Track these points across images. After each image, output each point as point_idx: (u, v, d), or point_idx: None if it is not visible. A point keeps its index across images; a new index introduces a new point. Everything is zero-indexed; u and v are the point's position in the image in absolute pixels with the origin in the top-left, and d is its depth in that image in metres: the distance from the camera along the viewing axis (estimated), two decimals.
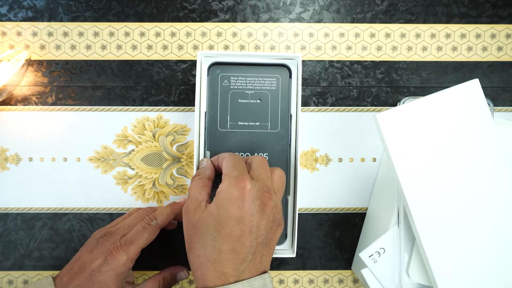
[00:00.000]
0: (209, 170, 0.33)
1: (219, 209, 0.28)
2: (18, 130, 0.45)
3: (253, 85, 0.36)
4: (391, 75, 0.46)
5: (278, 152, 0.37)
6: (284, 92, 0.37)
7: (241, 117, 0.36)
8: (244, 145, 0.36)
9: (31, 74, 0.45)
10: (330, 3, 0.46)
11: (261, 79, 0.36)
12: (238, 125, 0.36)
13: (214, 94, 0.36)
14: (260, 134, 0.36)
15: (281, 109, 0.37)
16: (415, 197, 0.35)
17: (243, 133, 0.36)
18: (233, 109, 0.36)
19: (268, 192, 0.30)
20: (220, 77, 0.36)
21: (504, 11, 0.46)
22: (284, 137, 0.37)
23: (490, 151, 0.36)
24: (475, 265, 0.36)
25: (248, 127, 0.36)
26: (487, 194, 0.36)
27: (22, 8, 0.45)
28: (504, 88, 0.47)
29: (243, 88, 0.36)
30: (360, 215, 0.47)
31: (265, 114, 0.36)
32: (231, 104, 0.36)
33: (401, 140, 0.35)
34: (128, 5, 0.45)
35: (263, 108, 0.36)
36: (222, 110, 0.36)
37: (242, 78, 0.36)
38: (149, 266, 0.46)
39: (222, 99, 0.36)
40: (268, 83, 0.36)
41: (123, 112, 0.45)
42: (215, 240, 0.27)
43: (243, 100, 0.36)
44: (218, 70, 0.36)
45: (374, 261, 0.38)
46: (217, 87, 0.36)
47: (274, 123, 0.36)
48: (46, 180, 0.45)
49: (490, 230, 0.36)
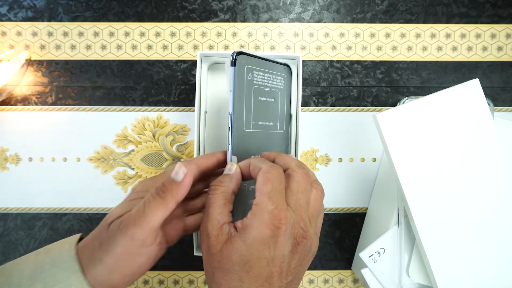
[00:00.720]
0: (235, 182, 0.28)
1: (248, 249, 0.24)
2: (18, 130, 0.45)
3: (269, 82, 0.33)
4: (391, 75, 0.46)
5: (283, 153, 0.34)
6: (289, 92, 0.36)
7: (261, 116, 0.33)
8: (260, 147, 0.33)
9: (31, 74, 0.45)
10: (330, 3, 0.46)
11: (275, 77, 0.34)
12: (259, 125, 0.33)
13: (240, 88, 0.30)
14: (272, 135, 0.34)
15: (286, 109, 0.36)
16: (415, 197, 0.35)
17: (261, 134, 0.33)
18: (256, 107, 0.32)
19: (304, 229, 0.26)
20: (246, 69, 0.31)
21: (504, 11, 0.46)
22: (287, 137, 0.36)
23: (490, 151, 0.36)
24: (475, 265, 0.36)
25: (265, 127, 0.33)
26: (487, 194, 0.36)
27: (22, 8, 0.45)
28: (504, 88, 0.47)
29: (263, 84, 0.32)
30: (360, 215, 0.47)
31: (276, 114, 0.34)
32: (254, 101, 0.32)
33: (401, 140, 0.35)
34: (128, 5, 0.45)
35: (275, 108, 0.34)
36: (248, 108, 0.31)
37: (262, 74, 0.32)
38: None
39: (247, 95, 0.31)
40: (279, 81, 0.34)
41: (123, 112, 0.45)
42: (242, 280, 0.25)
43: (262, 98, 0.33)
44: (243, 61, 0.31)
45: (374, 261, 0.38)
46: (243, 80, 0.31)
47: (281, 123, 0.35)
48: (46, 180, 0.45)
49: (490, 230, 0.36)
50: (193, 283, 0.46)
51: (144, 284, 0.46)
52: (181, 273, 0.46)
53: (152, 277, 0.46)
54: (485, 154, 0.36)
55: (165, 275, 0.46)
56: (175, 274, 0.46)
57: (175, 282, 0.46)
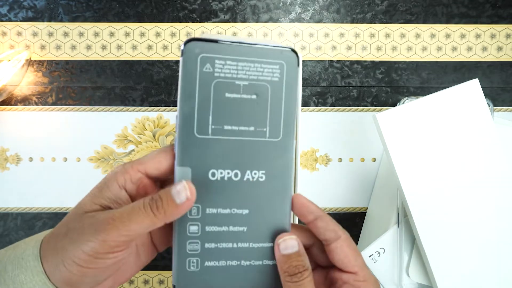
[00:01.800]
0: (307, 258, 0.24)
1: None
2: (19, 130, 0.45)
3: (247, 73, 0.25)
4: (391, 75, 0.46)
5: (279, 170, 0.26)
6: (289, 86, 0.26)
7: (229, 119, 0.25)
8: (232, 160, 0.25)
9: (31, 74, 0.45)
10: (330, 3, 0.46)
11: (259, 66, 0.26)
12: (225, 130, 0.25)
13: (190, 83, 0.25)
14: (256, 144, 0.26)
15: (285, 108, 0.26)
16: (415, 197, 0.35)
17: (231, 142, 0.25)
18: (218, 107, 0.25)
19: None
20: (200, 60, 0.25)
21: (504, 11, 0.46)
22: (287, 148, 0.26)
23: (490, 151, 0.36)
24: (475, 265, 0.36)
25: (238, 133, 0.25)
26: (487, 194, 0.36)
27: (22, 8, 0.45)
28: (504, 88, 0.47)
29: (232, 77, 0.25)
30: (360, 215, 0.47)
31: (262, 116, 0.26)
32: (214, 99, 0.25)
33: (401, 140, 0.35)
34: (128, 5, 0.45)
35: (260, 107, 0.26)
36: (202, 108, 0.25)
37: (232, 63, 0.25)
38: (149, 266, 0.46)
39: (201, 92, 0.25)
40: (268, 71, 0.26)
41: (123, 112, 0.45)
42: None
43: (232, 95, 0.25)
44: (197, 49, 0.24)
45: (374, 261, 0.38)
46: (195, 73, 0.25)
47: (274, 129, 0.26)
48: (46, 180, 0.45)
49: (490, 230, 0.36)
50: None
51: (144, 284, 0.46)
52: None
53: (152, 277, 0.46)
54: (485, 154, 0.36)
55: (165, 275, 0.46)
56: None
57: None
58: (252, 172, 0.26)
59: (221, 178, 0.25)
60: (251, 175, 0.26)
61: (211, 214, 0.25)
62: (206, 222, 0.25)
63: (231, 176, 0.25)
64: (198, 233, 0.25)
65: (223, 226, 0.25)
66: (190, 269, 0.25)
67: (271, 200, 0.26)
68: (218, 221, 0.25)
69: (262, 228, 0.26)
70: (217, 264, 0.25)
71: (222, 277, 0.25)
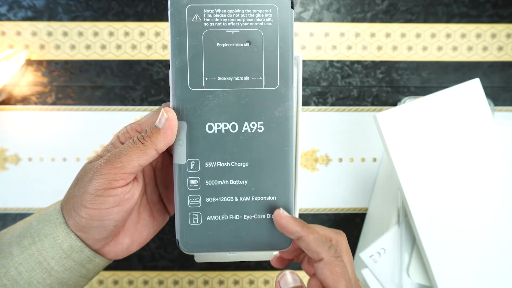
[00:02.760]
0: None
1: None
2: (18, 130, 0.45)
3: (237, 20, 0.25)
4: (391, 75, 0.46)
5: (277, 121, 0.25)
6: (284, 30, 0.25)
7: (222, 70, 0.25)
8: (229, 112, 0.25)
9: (31, 74, 0.45)
10: (330, 3, 0.46)
11: (250, 12, 0.25)
12: (219, 81, 0.25)
13: (179, 36, 0.24)
14: (252, 94, 0.25)
15: (280, 55, 0.25)
16: (415, 197, 0.35)
17: (226, 94, 0.25)
18: (210, 58, 0.24)
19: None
20: (188, 10, 0.24)
21: (505, 11, 0.46)
22: (285, 96, 0.25)
23: (490, 151, 0.36)
24: (475, 265, 0.36)
25: (233, 83, 0.25)
26: (487, 194, 0.36)
27: (21, 8, 0.45)
28: (504, 87, 0.47)
29: (223, 25, 0.24)
30: (360, 215, 0.47)
31: (257, 64, 0.25)
32: (206, 50, 0.24)
33: (401, 140, 0.35)
34: (128, 4, 0.45)
35: (254, 55, 0.25)
36: (193, 60, 0.24)
37: (221, 11, 0.24)
38: (149, 266, 0.46)
39: (192, 43, 0.24)
40: (259, 16, 0.25)
41: (123, 112, 0.45)
42: None
43: (223, 44, 0.25)
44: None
45: (374, 261, 0.38)
46: (184, 25, 0.24)
47: (271, 77, 0.25)
48: (45, 180, 0.45)
49: (490, 230, 0.36)
50: (193, 284, 0.46)
51: (144, 284, 0.46)
52: (181, 273, 0.46)
53: (152, 277, 0.46)
54: (486, 154, 0.36)
55: (165, 275, 0.46)
56: (175, 274, 0.46)
57: (175, 283, 0.46)
58: (250, 123, 0.25)
59: (218, 131, 0.25)
60: (249, 126, 0.25)
61: (210, 168, 0.25)
62: (206, 176, 0.25)
63: (229, 128, 0.25)
64: (198, 187, 0.25)
65: (223, 180, 0.25)
66: (192, 223, 0.25)
67: (272, 152, 0.25)
68: (217, 174, 0.25)
69: (264, 181, 0.25)
70: (219, 218, 0.25)
71: (225, 231, 0.25)
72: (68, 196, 0.24)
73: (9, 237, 0.24)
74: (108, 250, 0.26)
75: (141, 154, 0.23)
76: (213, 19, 0.24)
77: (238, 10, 0.24)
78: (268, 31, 0.25)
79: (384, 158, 0.46)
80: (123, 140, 0.26)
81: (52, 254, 0.23)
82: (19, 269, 0.23)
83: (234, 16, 0.25)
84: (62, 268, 0.24)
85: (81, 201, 0.23)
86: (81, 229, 0.24)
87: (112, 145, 0.26)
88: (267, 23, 0.25)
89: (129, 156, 0.23)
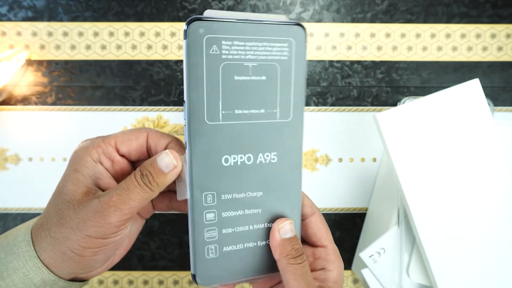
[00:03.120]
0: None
1: None
2: (18, 130, 0.45)
3: (255, 53, 0.24)
4: (391, 75, 0.46)
5: (289, 150, 0.26)
6: (298, 63, 0.25)
7: (239, 103, 0.24)
8: (245, 144, 0.25)
9: (31, 74, 0.45)
10: (330, 3, 0.46)
11: (268, 45, 0.24)
12: (235, 114, 0.24)
13: (196, 68, 0.23)
14: (267, 126, 0.25)
15: (294, 88, 0.25)
16: (415, 197, 0.35)
17: (242, 126, 0.24)
18: (227, 91, 0.24)
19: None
20: (205, 41, 0.23)
21: (504, 11, 0.46)
22: (298, 127, 0.26)
23: (490, 151, 0.36)
24: (475, 265, 0.36)
25: (249, 116, 0.24)
26: (487, 194, 0.36)
27: (22, 8, 0.45)
28: (504, 88, 0.47)
29: (241, 58, 0.24)
30: (360, 215, 0.47)
31: (273, 97, 0.25)
32: (223, 83, 0.24)
33: (401, 140, 0.35)
34: (128, 5, 0.45)
35: (271, 88, 0.25)
36: (211, 93, 0.23)
37: (239, 43, 0.24)
38: (149, 266, 0.46)
39: (209, 76, 0.23)
40: (277, 50, 0.24)
41: (123, 112, 0.45)
42: None
43: (241, 77, 0.24)
44: (202, 29, 0.23)
45: (374, 261, 0.38)
46: (202, 57, 0.23)
47: (285, 109, 0.26)
48: (45, 180, 0.45)
49: (490, 230, 0.36)
50: (193, 284, 0.46)
51: (144, 284, 0.46)
52: (181, 273, 0.46)
53: (152, 277, 0.46)
54: (485, 154, 0.36)
55: (165, 275, 0.46)
56: (175, 274, 0.46)
57: (175, 283, 0.46)
58: (264, 154, 0.25)
59: (234, 163, 0.25)
60: (264, 157, 0.25)
61: (227, 199, 0.25)
62: (222, 208, 0.25)
63: (244, 160, 0.25)
64: (215, 220, 0.25)
65: (238, 210, 0.25)
66: (209, 256, 0.25)
67: (284, 179, 0.26)
68: (233, 206, 0.25)
69: (276, 207, 0.26)
70: (235, 248, 0.25)
71: (240, 259, 0.25)
72: (54, 236, 0.23)
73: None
74: (86, 276, 0.25)
75: (148, 197, 0.23)
76: (231, 51, 0.24)
77: (256, 43, 0.24)
78: (284, 64, 0.25)
79: (384, 158, 0.46)
80: (95, 157, 0.25)
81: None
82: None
83: (252, 49, 0.24)
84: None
85: (81, 243, 0.22)
86: (56, 265, 0.23)
87: (80, 164, 0.24)
88: (283, 57, 0.25)
89: (137, 201, 0.23)
